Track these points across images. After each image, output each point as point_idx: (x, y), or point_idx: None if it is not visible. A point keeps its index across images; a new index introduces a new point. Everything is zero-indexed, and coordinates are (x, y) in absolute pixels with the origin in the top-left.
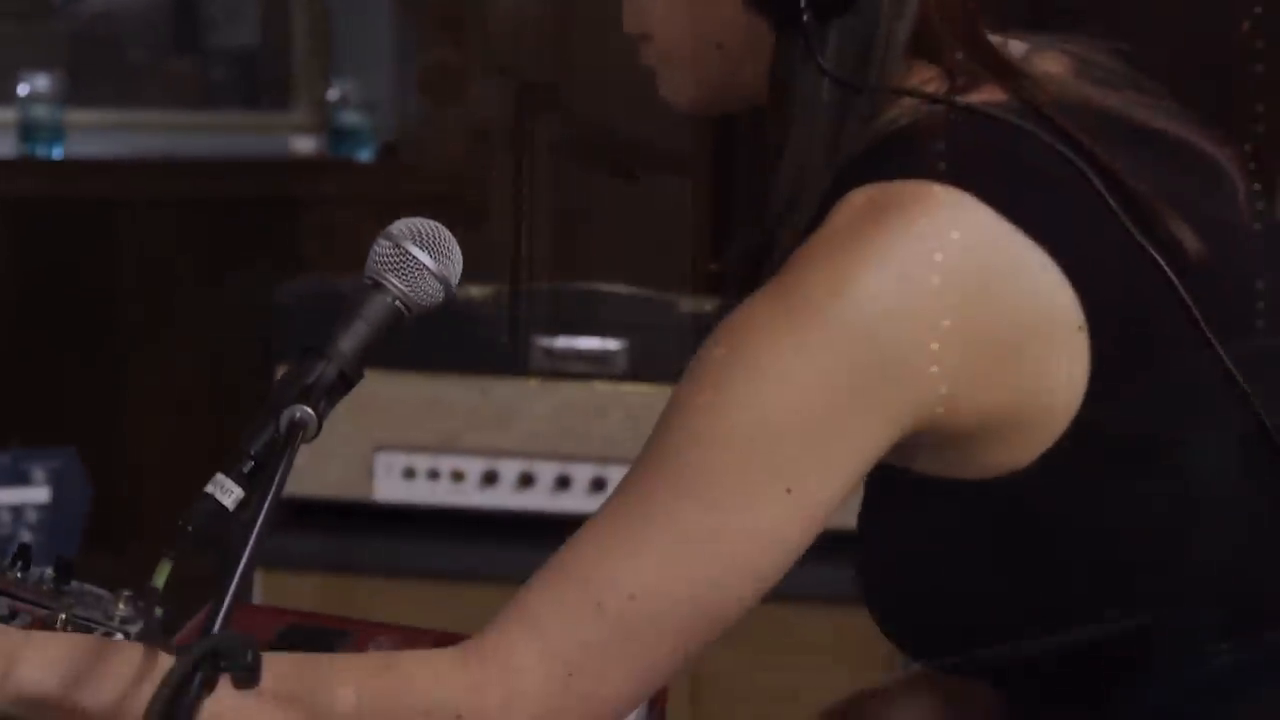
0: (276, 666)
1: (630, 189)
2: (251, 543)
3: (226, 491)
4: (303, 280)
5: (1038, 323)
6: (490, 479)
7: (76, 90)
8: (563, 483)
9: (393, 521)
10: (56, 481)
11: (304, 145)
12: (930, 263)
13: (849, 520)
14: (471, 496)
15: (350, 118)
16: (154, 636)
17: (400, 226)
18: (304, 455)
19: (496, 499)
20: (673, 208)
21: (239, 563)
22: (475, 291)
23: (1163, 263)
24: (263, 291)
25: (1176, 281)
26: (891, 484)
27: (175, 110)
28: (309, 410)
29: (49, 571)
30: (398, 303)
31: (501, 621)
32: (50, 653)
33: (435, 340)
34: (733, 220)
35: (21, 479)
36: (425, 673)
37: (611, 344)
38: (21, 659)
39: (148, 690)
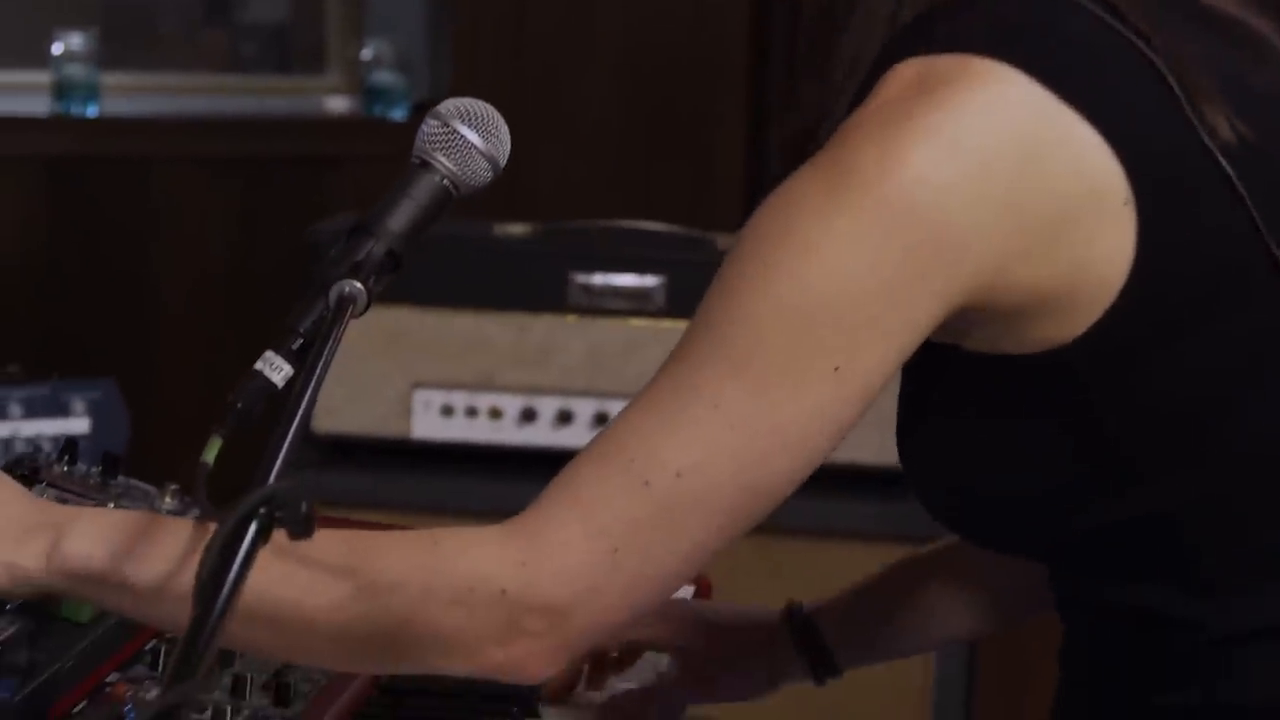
0: (325, 540)
1: (668, 131)
2: (301, 410)
3: (275, 369)
4: (341, 218)
5: (1085, 196)
6: (528, 416)
7: (110, 54)
8: (600, 419)
9: (431, 459)
10: (96, 412)
11: (338, 105)
12: (979, 138)
13: (881, 457)
14: (509, 434)
15: (384, 77)
16: (205, 512)
17: (449, 105)
18: (342, 392)
19: (534, 436)
20: (710, 146)
21: (293, 420)
22: (513, 229)
23: (1206, 138)
24: (297, 251)
25: (1221, 157)
26: (936, 363)
27: (209, 74)
28: (358, 285)
29: (96, 467)
30: (445, 182)
31: (546, 499)
32: (98, 526)
33: (473, 277)
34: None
35: (62, 410)
36: (470, 549)
37: (649, 280)
38: (70, 532)
39: (194, 565)
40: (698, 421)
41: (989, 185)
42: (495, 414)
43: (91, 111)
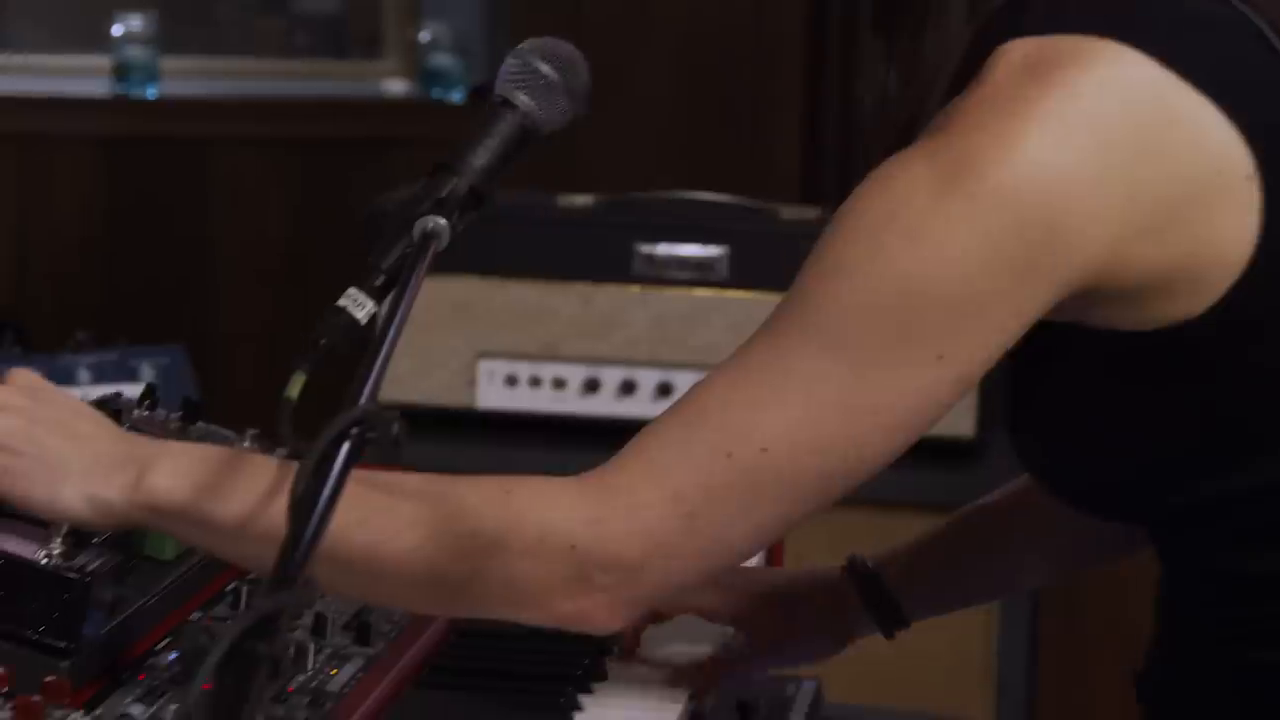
0: (402, 486)
1: (725, 115)
2: (388, 341)
3: (359, 305)
4: (402, 189)
5: (1206, 174)
6: (592, 386)
7: (168, 39)
8: (664, 390)
9: (495, 429)
10: (164, 377)
11: (395, 88)
12: (1095, 121)
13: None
14: (573, 404)
15: (441, 60)
16: (289, 446)
17: (530, 44)
18: (408, 363)
19: (598, 406)
20: (767, 131)
21: (380, 351)
22: (578, 200)
23: None
24: (354, 232)
25: None
26: (1050, 339)
27: (266, 59)
28: (441, 221)
29: (175, 413)
30: (526, 120)
31: (625, 458)
32: (183, 462)
33: (538, 248)
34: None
35: (130, 375)
36: (542, 501)
37: (713, 250)
38: (155, 467)
39: (277, 506)
40: (789, 400)
41: (1107, 169)
42: (559, 384)
43: (151, 93)
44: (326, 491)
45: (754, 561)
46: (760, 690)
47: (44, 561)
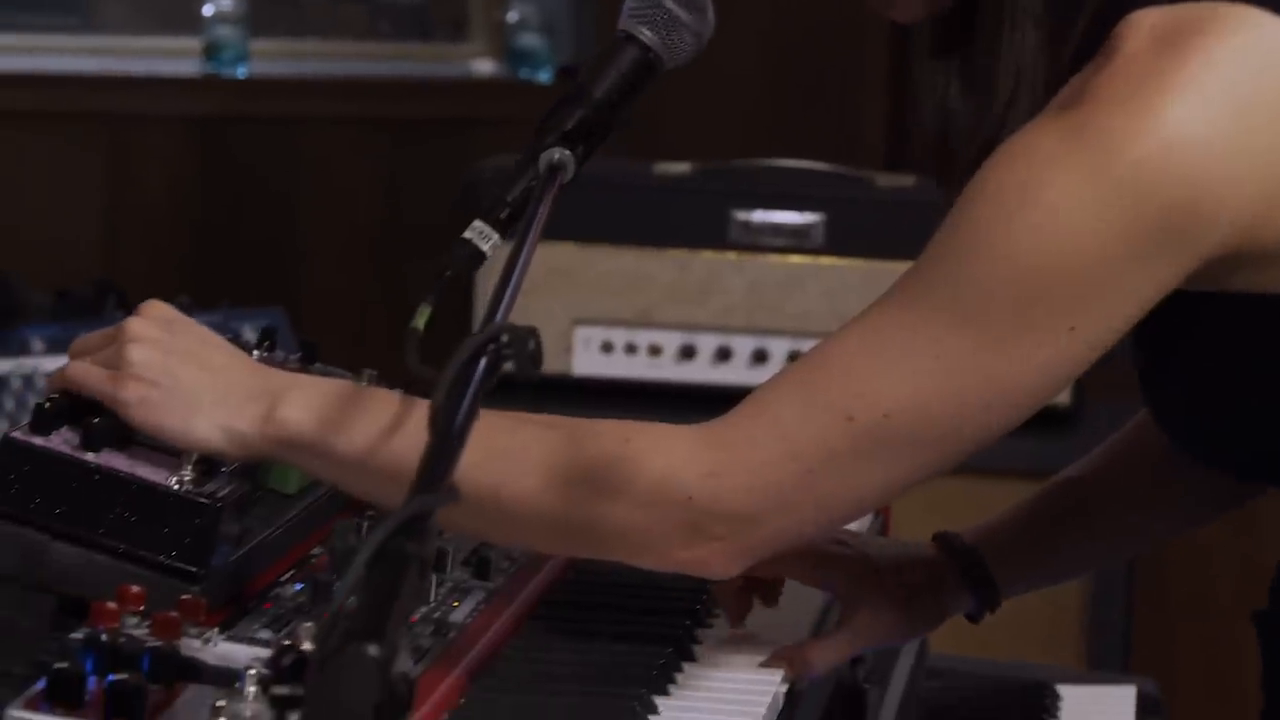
0: (526, 428)
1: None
2: (518, 269)
3: (484, 238)
4: (499, 157)
5: None
6: (687, 353)
7: (256, 22)
8: (759, 356)
9: (591, 395)
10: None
11: (483, 68)
12: (1234, 90)
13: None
14: (668, 370)
15: (528, 40)
16: (416, 376)
17: None
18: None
19: (693, 373)
20: (860, 91)
21: (510, 278)
22: (674, 167)
23: None
24: (442, 212)
25: None
26: (1190, 303)
27: (354, 41)
28: (567, 152)
29: (294, 355)
30: (650, 54)
31: (745, 413)
32: (312, 395)
33: (635, 215)
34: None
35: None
36: (661, 451)
37: (809, 217)
38: (285, 400)
39: (399, 442)
40: (916, 367)
41: (1246, 137)
42: (655, 351)
43: (240, 72)
44: (465, 404)
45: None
46: None
47: (175, 488)
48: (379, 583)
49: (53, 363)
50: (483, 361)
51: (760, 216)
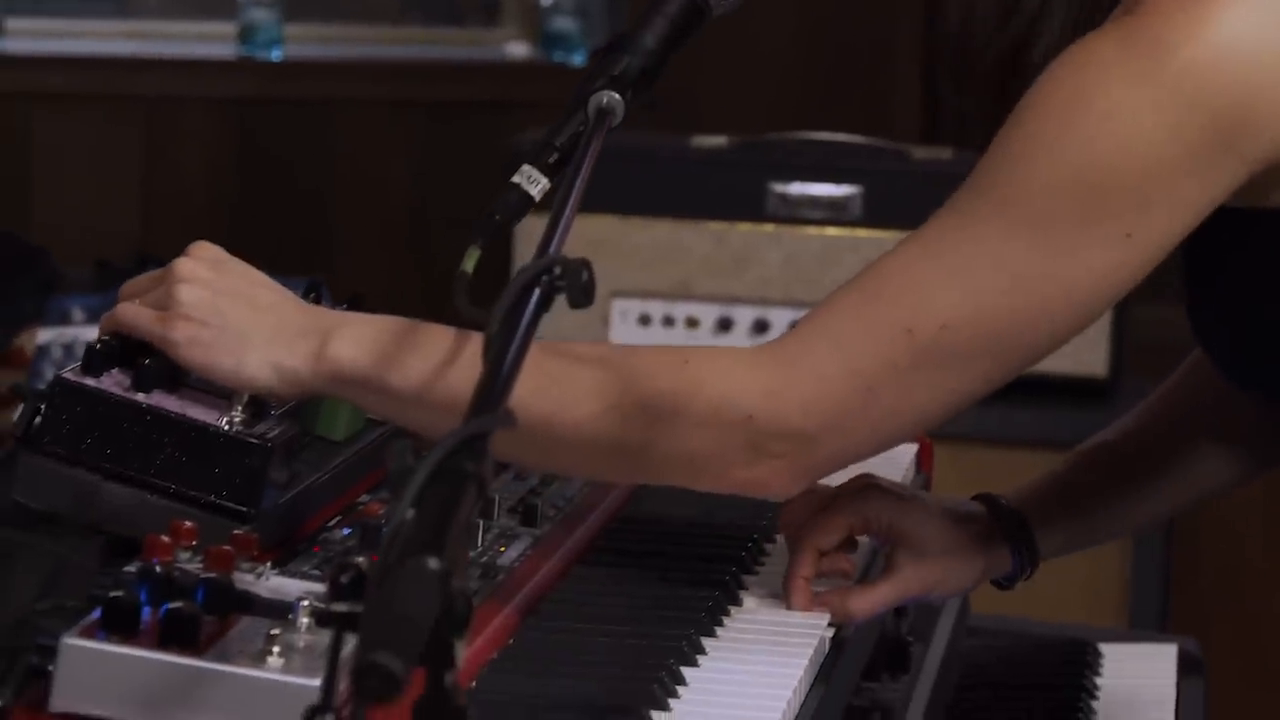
0: (578, 356)
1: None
2: (567, 213)
3: (533, 182)
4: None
5: None
6: (724, 325)
7: (289, 8)
8: None
9: None
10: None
11: (516, 51)
12: None
13: (1085, 368)
14: (706, 342)
15: (561, 23)
16: (467, 319)
17: None
18: None
19: (731, 345)
20: (893, 66)
21: (565, 206)
22: (711, 140)
23: None
24: (476, 194)
25: None
26: (1236, 222)
27: (387, 26)
28: (616, 96)
29: (342, 305)
30: (697, 1)
31: (803, 331)
32: (364, 331)
33: (672, 187)
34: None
35: None
36: (719, 371)
37: (846, 190)
38: (336, 336)
39: (454, 374)
40: (973, 276)
41: None
42: (692, 323)
43: (275, 55)
44: (519, 334)
45: (903, 470)
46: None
47: (226, 428)
48: (438, 499)
49: (93, 333)
50: (536, 292)
51: (798, 189)
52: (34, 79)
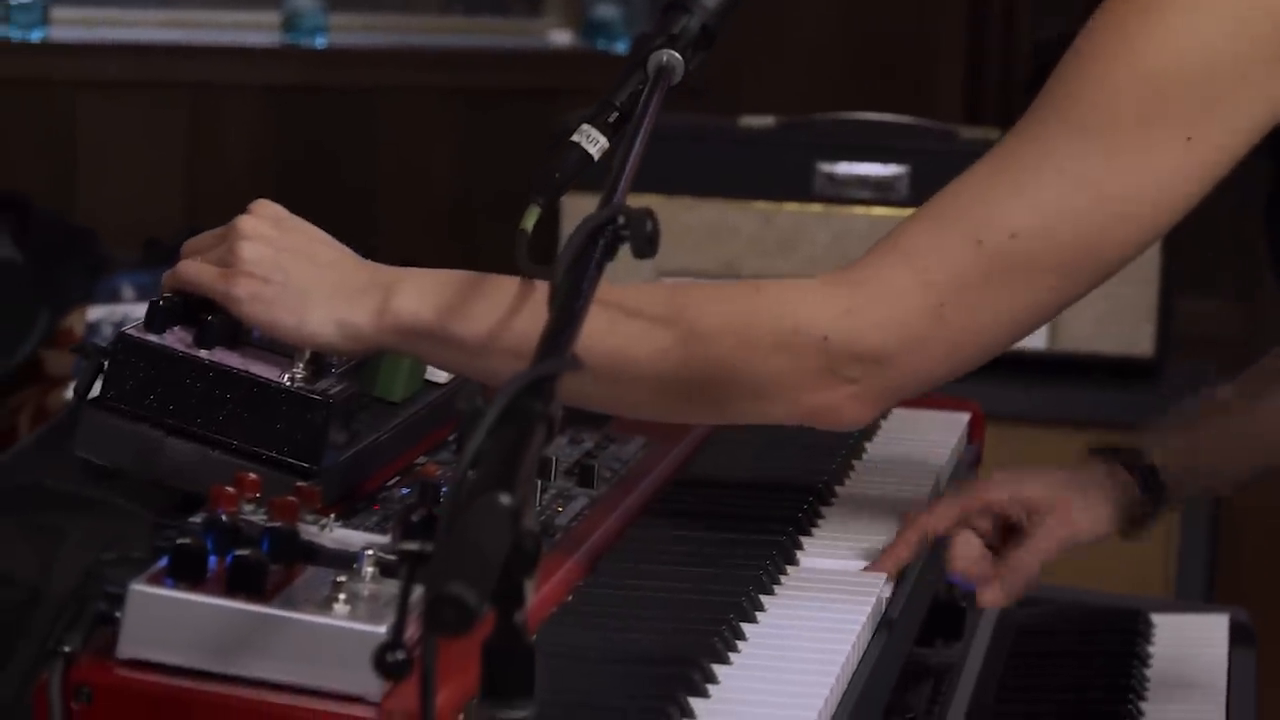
0: (647, 291)
1: (887, 61)
2: (635, 149)
3: (592, 140)
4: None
5: None
6: None
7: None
8: None
9: None
10: None
11: (559, 39)
12: None
13: (1132, 348)
14: None
15: (604, 11)
16: (527, 274)
17: None
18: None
19: None
20: (937, 48)
21: (628, 157)
22: (759, 120)
23: None
24: (519, 182)
25: None
26: None
27: (431, 15)
28: (676, 54)
29: None
30: None
31: (875, 254)
32: (427, 284)
33: (720, 167)
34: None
35: None
36: (793, 296)
37: (893, 170)
38: (399, 290)
39: (521, 322)
40: (1041, 184)
41: None
42: None
43: (319, 43)
44: (585, 282)
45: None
46: None
47: (288, 384)
48: (508, 439)
49: (143, 310)
50: (600, 242)
51: (845, 169)
52: (80, 67)
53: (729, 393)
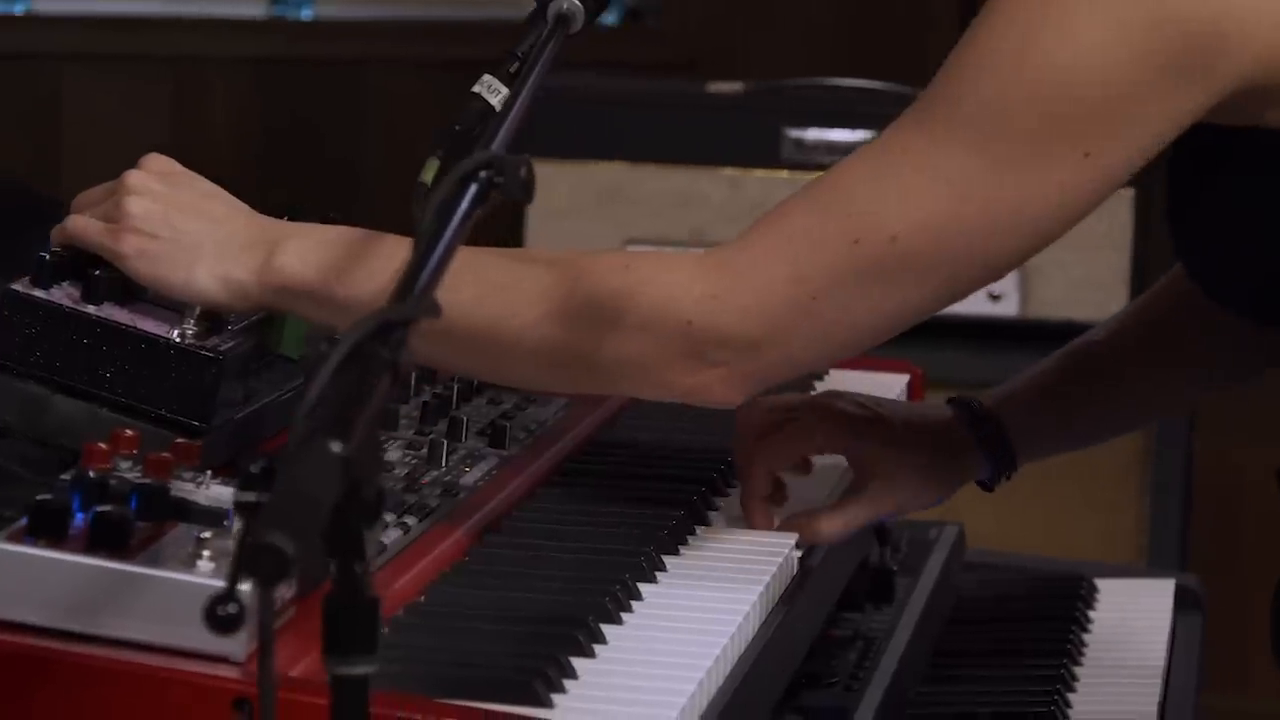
0: (520, 264)
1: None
2: (514, 113)
3: (494, 91)
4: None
5: None
6: None
7: None
8: None
9: None
10: None
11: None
12: None
13: (1106, 314)
14: None
15: None
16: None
17: None
18: (556, 249)
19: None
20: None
21: (511, 108)
22: (726, 86)
23: None
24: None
25: None
26: (1219, 139)
27: None
28: (577, 2)
29: None
30: None
31: (750, 237)
32: (313, 242)
33: (687, 134)
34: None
35: None
36: (662, 276)
37: (861, 135)
38: (284, 248)
39: None
40: (924, 190)
41: None
42: None
43: (306, 15)
44: (451, 226)
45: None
46: (901, 532)
47: (178, 340)
48: (349, 385)
49: None
50: (472, 187)
51: (813, 135)
52: (63, 39)
53: (598, 371)
